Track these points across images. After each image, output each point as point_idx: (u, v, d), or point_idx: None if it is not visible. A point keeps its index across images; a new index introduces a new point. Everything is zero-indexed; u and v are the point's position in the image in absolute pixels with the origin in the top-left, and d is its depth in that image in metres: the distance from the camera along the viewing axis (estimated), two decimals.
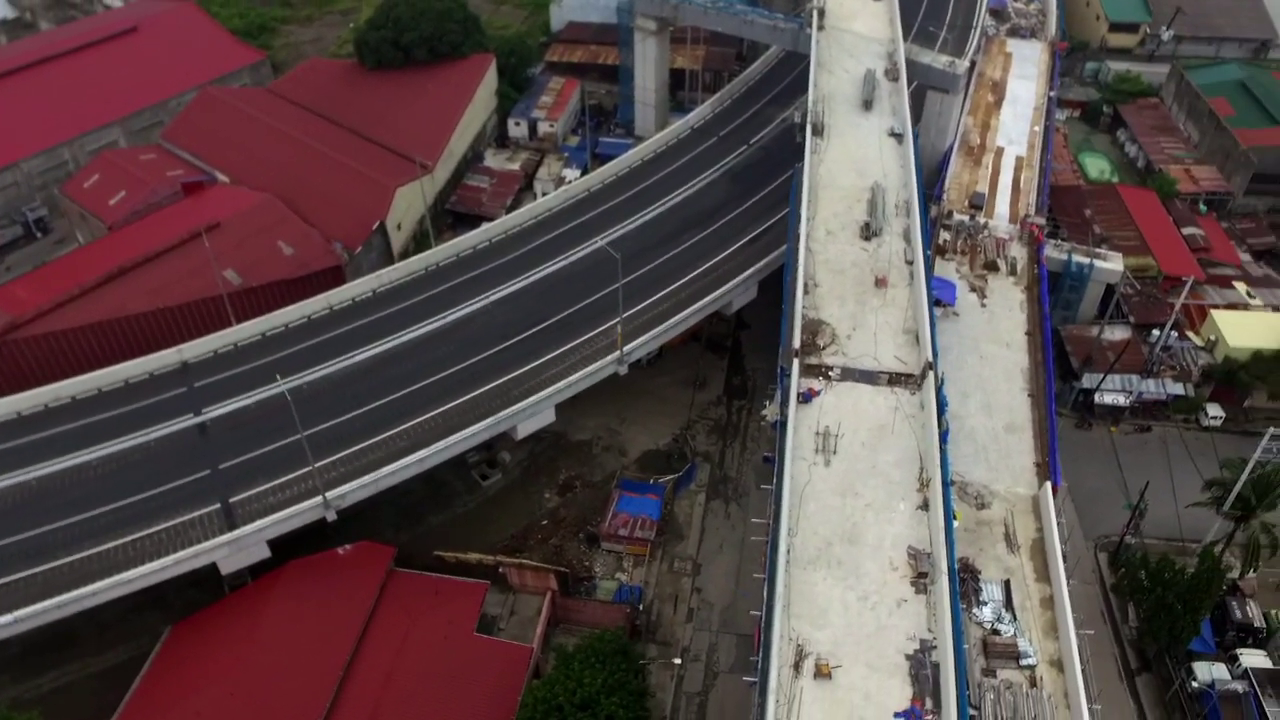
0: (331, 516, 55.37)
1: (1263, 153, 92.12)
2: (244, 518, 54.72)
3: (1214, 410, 74.47)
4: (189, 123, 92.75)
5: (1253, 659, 57.16)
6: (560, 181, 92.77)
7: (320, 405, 60.26)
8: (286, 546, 56.48)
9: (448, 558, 59.28)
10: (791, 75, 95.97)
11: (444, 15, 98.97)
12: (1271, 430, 57.40)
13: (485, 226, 76.48)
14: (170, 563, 52.23)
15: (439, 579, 58.17)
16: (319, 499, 54.35)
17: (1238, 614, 59.34)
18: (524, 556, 61.44)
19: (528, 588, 59.55)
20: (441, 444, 57.83)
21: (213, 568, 54.58)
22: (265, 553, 55.57)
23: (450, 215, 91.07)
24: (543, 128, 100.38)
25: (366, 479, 55.76)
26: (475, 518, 66.28)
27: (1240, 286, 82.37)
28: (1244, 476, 57.87)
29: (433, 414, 60.43)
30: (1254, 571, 60.68)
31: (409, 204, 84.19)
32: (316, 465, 54.54)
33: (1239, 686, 55.82)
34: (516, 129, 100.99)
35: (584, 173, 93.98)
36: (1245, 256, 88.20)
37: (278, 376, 57.37)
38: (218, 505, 55.60)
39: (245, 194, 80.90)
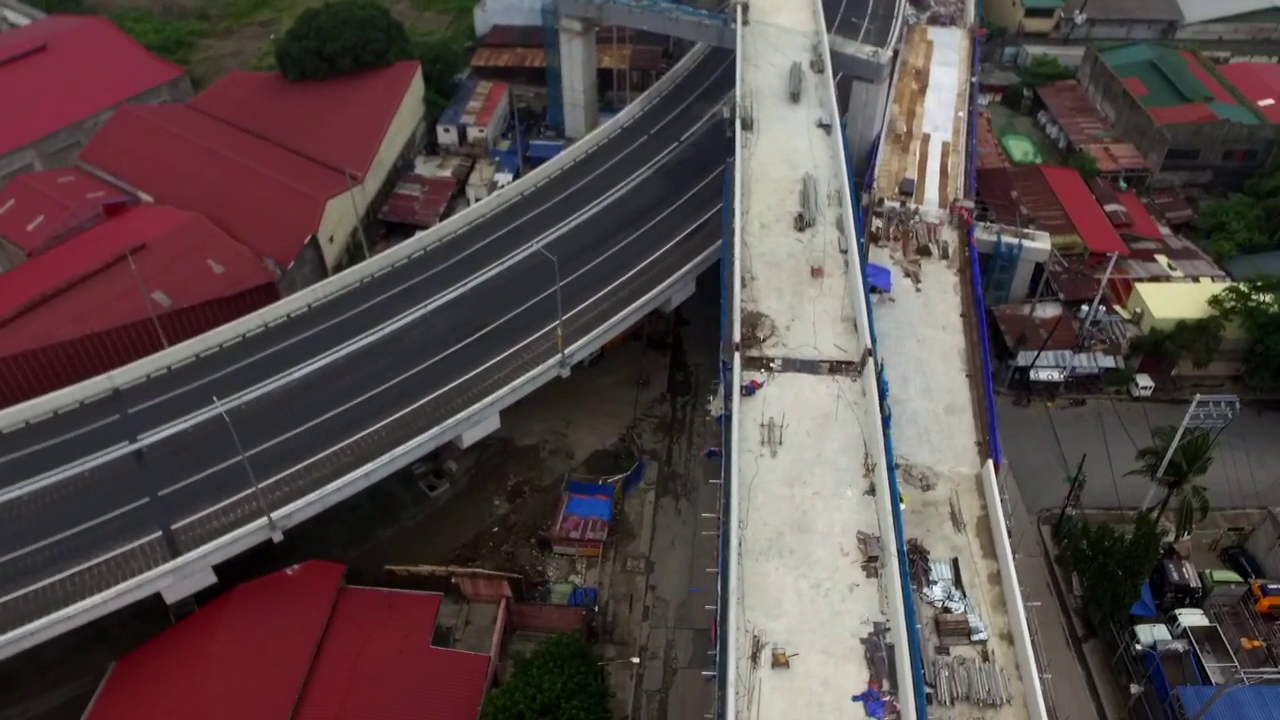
0: (278, 537, 54.34)
1: (1175, 129, 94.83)
2: (187, 544, 53.35)
3: (1144, 381, 76.63)
4: (108, 142, 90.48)
5: (1191, 618, 58.89)
6: (493, 186, 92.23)
7: (260, 424, 59.15)
8: (233, 571, 55.27)
9: (399, 572, 58.61)
10: (719, 70, 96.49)
11: (367, 24, 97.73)
12: (1198, 397, 59.08)
13: (419, 235, 75.79)
14: (112, 595, 50.79)
15: (391, 594, 57.44)
16: (264, 520, 53.29)
17: (1175, 576, 61.04)
18: (476, 565, 61.11)
19: (482, 596, 59.13)
20: (387, 457, 57.08)
21: (157, 598, 53.22)
22: (211, 579, 54.34)
23: (383, 225, 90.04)
24: (472, 133, 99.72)
25: (312, 497, 54.81)
26: (425, 529, 65.69)
27: (1162, 259, 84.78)
28: (1174, 444, 59.57)
29: (376, 427, 59.67)
30: (1188, 534, 62.59)
31: (340, 216, 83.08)
32: (260, 486, 53.60)
33: (1179, 646, 57.55)
34: (446, 135, 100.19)
35: (516, 176, 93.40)
36: (1165, 230, 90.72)
37: (214, 398, 56.22)
38: (159, 533, 54.18)
39: (171, 213, 79.09)
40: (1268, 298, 73.59)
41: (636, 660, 58.26)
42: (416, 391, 62.14)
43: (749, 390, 52.54)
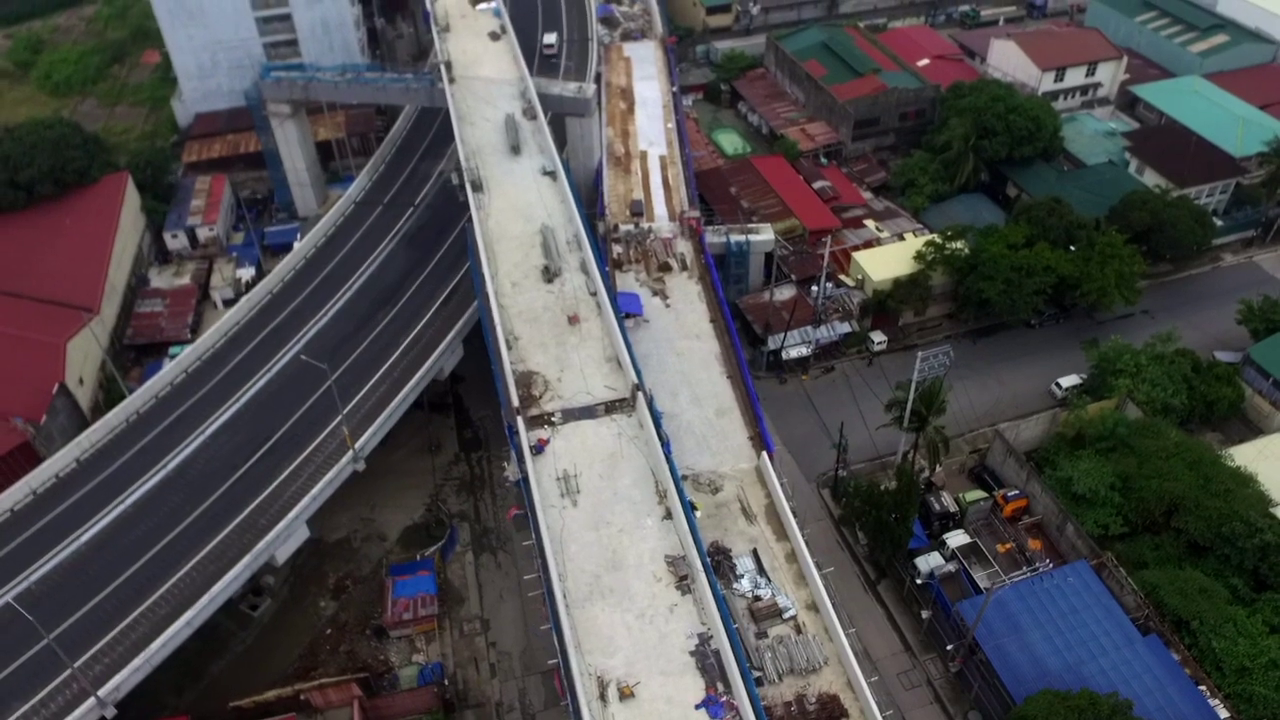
0: (110, 714, 52.60)
1: (856, 104, 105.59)
2: None
3: (878, 337, 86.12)
4: None
5: (956, 539, 67.95)
6: (237, 284, 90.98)
7: (61, 599, 57.09)
8: None
9: (245, 705, 58.54)
10: (436, 123, 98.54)
11: (61, 143, 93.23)
12: (920, 354, 67.93)
13: (177, 358, 73.92)
14: None
15: None
16: (92, 701, 51.59)
17: (937, 507, 70.16)
18: (318, 673, 61.85)
19: (334, 703, 59.99)
20: (206, 598, 56.29)
21: None
22: None
23: (132, 350, 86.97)
24: (203, 233, 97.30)
25: (138, 661, 53.28)
26: (258, 650, 65.56)
27: (870, 224, 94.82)
28: (912, 396, 68.19)
29: (187, 569, 58.65)
30: (939, 467, 71.79)
31: (86, 354, 79.77)
32: (77, 666, 52.19)
33: (951, 567, 66.44)
34: (175, 241, 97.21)
35: (258, 268, 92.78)
36: (867, 194, 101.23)
37: None
38: None
39: None
40: (959, 244, 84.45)
41: None
42: (219, 521, 61.52)
43: (538, 449, 56.15)
